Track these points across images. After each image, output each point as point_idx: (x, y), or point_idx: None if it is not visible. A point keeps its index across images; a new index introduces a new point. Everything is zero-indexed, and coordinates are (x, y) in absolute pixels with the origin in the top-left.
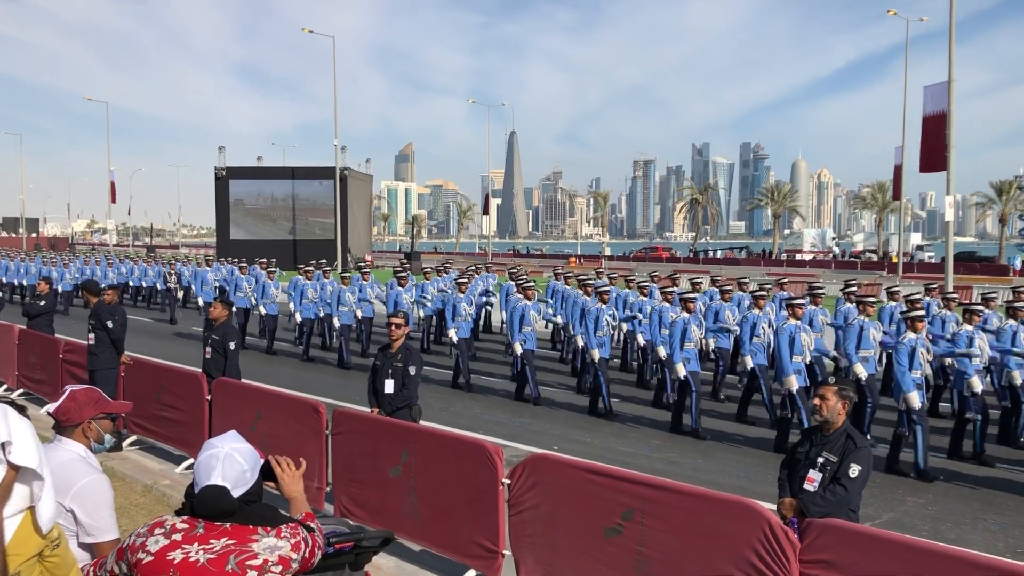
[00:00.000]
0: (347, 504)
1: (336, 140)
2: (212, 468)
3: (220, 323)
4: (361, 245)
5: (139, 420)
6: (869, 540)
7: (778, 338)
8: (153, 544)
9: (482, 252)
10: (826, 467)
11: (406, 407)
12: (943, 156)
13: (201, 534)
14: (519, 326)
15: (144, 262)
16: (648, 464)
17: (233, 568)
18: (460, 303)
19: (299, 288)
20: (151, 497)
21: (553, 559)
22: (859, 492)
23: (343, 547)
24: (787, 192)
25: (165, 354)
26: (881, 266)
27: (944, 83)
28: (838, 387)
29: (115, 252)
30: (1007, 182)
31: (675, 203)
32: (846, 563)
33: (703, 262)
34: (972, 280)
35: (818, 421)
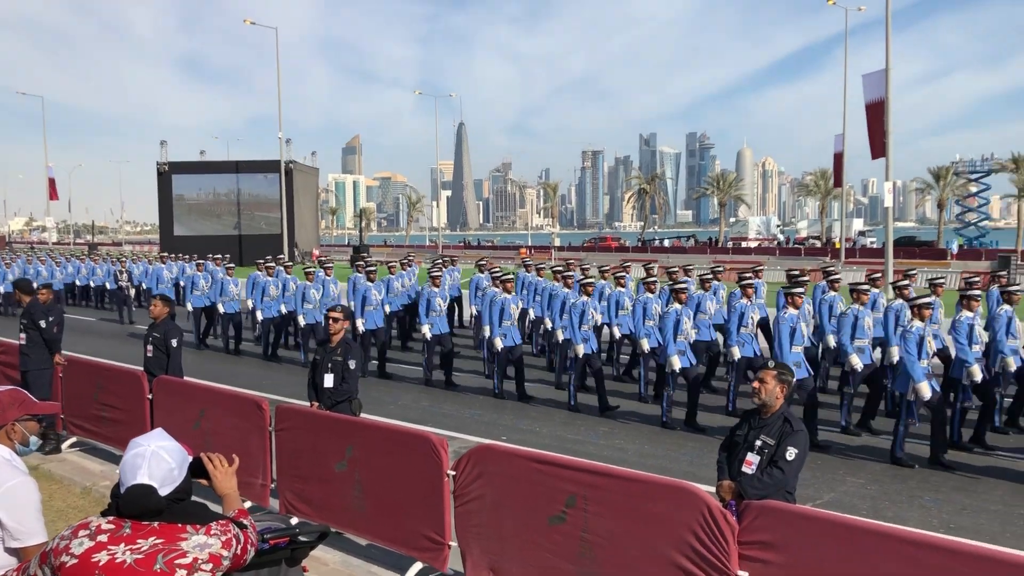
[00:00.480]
0: (292, 500)
1: (281, 133)
2: (138, 467)
3: (161, 320)
4: (308, 239)
5: (78, 421)
6: (806, 520)
7: (779, 328)
8: (77, 546)
9: (432, 245)
10: (764, 450)
11: (346, 401)
12: (883, 143)
13: (128, 534)
14: (499, 320)
15: (92, 260)
16: (596, 451)
17: (162, 567)
18: (435, 298)
19: (259, 285)
20: (90, 499)
21: (499, 548)
22: (796, 474)
23: (278, 543)
24: (732, 181)
25: (115, 355)
26: (825, 252)
27: (882, 71)
28: (777, 371)
29: (59, 251)
30: (944, 168)
31: (623, 193)
32: (784, 543)
33: (651, 251)
34: (912, 264)
35: (756, 404)
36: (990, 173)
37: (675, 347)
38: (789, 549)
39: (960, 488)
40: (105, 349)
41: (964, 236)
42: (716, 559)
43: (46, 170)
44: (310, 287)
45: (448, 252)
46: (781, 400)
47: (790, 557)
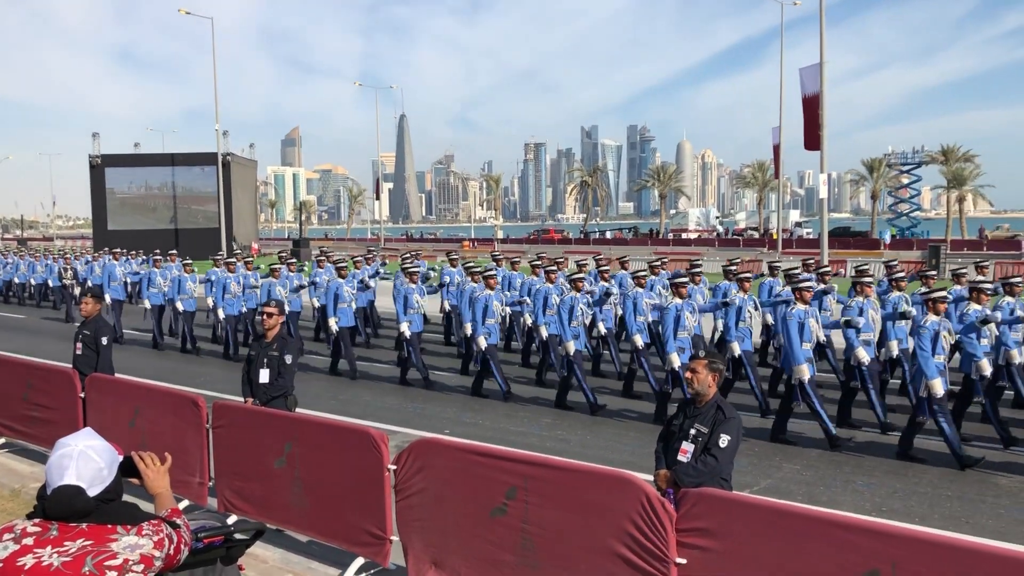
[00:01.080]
0: (231, 498)
1: (217, 125)
2: (65, 468)
3: (92, 318)
4: (247, 233)
5: (7, 421)
6: (742, 507)
7: (787, 324)
8: (1, 551)
9: (375, 238)
10: (698, 438)
11: (281, 396)
12: (818, 135)
13: (55, 536)
14: (483, 318)
15: (32, 257)
16: (539, 443)
17: (91, 570)
18: (412, 294)
19: (220, 282)
20: (19, 502)
21: (441, 541)
22: (730, 461)
23: (213, 541)
24: (672, 173)
25: (51, 353)
26: (762, 243)
27: (818, 65)
28: (708, 360)
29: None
30: (877, 160)
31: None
32: (721, 530)
33: (593, 243)
34: (847, 254)
35: (690, 394)
36: (921, 165)
37: (675, 343)
38: (726, 536)
39: (892, 472)
40: (45, 347)
41: (896, 226)
42: (655, 547)
43: None
44: (275, 283)
45: (391, 245)
46: (713, 389)
47: (728, 543)
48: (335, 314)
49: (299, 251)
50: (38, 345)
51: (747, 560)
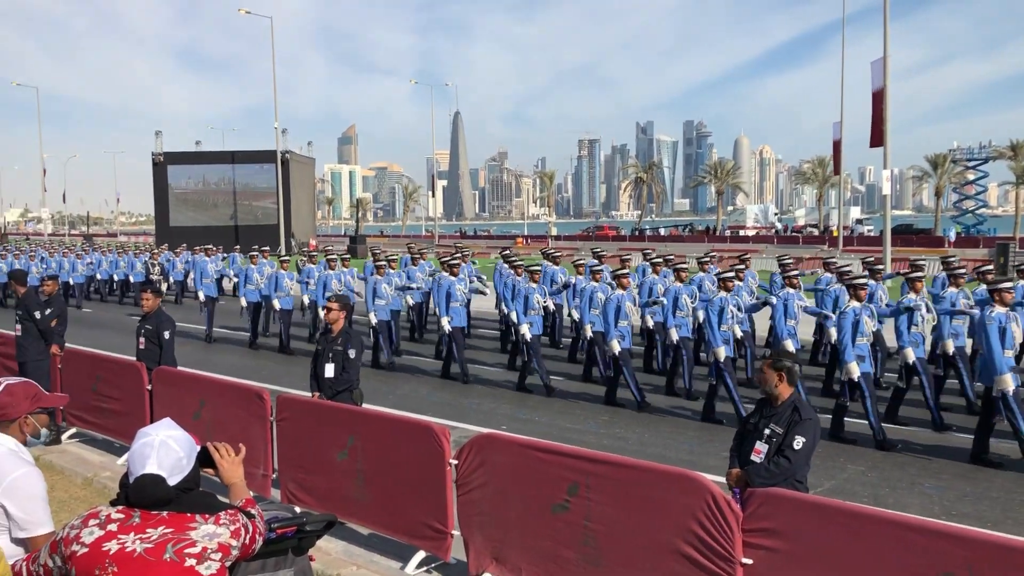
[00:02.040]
0: (294, 490)
1: (276, 123)
2: (147, 456)
3: (153, 313)
4: (305, 229)
5: (78, 412)
6: (809, 507)
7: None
8: (87, 536)
9: (429, 234)
10: (772, 439)
11: (347, 390)
12: (881, 131)
13: (137, 523)
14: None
15: (117, 252)
16: (596, 440)
17: (171, 557)
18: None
19: (322, 279)
20: (92, 490)
21: (502, 536)
22: (804, 463)
23: (285, 532)
24: (730, 169)
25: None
26: (822, 240)
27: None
28: (771, 360)
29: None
30: (942, 156)
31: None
32: (788, 530)
33: (648, 240)
34: (909, 252)
35: (764, 394)
36: (988, 160)
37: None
38: (794, 537)
39: (961, 475)
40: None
41: (962, 224)
42: (720, 547)
43: (41, 161)
44: (381, 281)
45: (444, 242)
46: (784, 387)
47: (795, 545)
48: (447, 313)
49: (356, 248)
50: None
51: (815, 562)
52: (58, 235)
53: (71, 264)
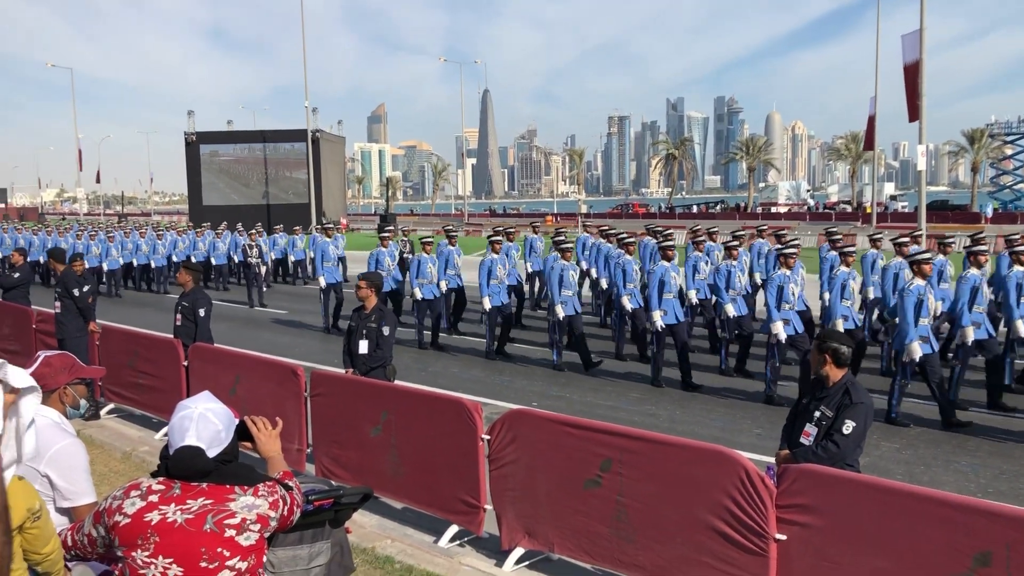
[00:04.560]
0: (328, 465)
1: (307, 102)
2: (186, 429)
3: (190, 290)
4: (335, 208)
5: (115, 388)
6: (844, 483)
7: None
8: (130, 506)
9: (458, 213)
10: (821, 422)
11: (380, 367)
12: (917, 105)
13: (178, 495)
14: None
15: (200, 233)
16: (627, 417)
17: (211, 528)
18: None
19: (415, 261)
20: (130, 464)
21: (534, 512)
22: (854, 448)
23: (322, 504)
24: (762, 145)
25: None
26: (855, 217)
27: (919, 32)
28: (818, 341)
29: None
30: (979, 130)
31: (650, 159)
32: (822, 506)
33: (679, 217)
34: (945, 228)
35: (815, 376)
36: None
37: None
38: (828, 512)
39: (997, 453)
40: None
41: (999, 199)
42: (754, 522)
43: (76, 142)
44: (425, 260)
45: (473, 220)
46: (833, 369)
47: (828, 520)
48: (488, 292)
49: (386, 226)
50: (239, 332)
51: (850, 538)
52: (93, 215)
53: (152, 246)
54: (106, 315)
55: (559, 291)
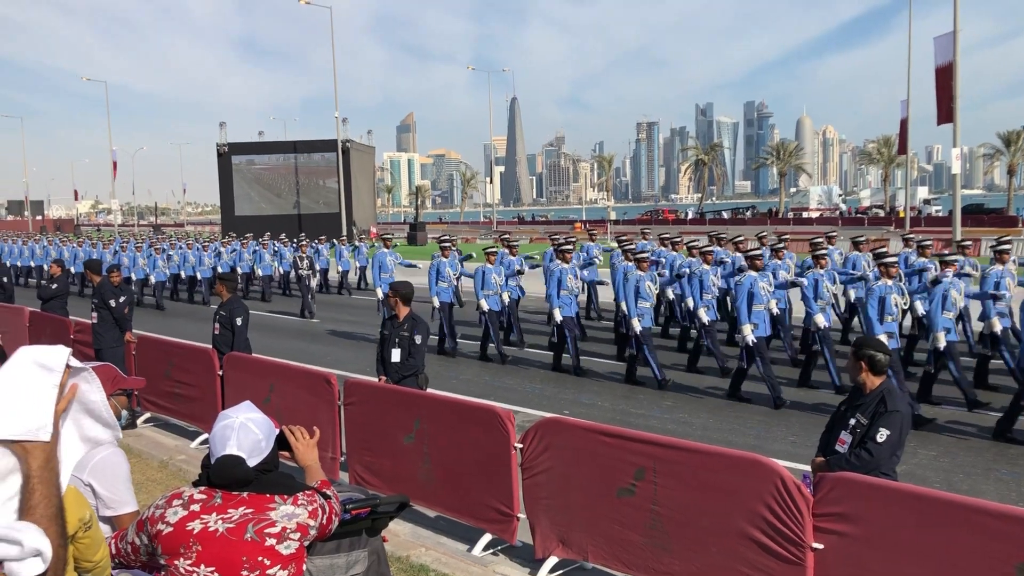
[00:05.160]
0: (361, 473)
1: (337, 112)
2: (227, 438)
3: (227, 300)
4: (366, 217)
5: (152, 397)
6: (881, 491)
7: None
8: (172, 515)
9: (487, 221)
10: (856, 429)
11: (412, 375)
12: (950, 108)
13: (219, 504)
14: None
15: (261, 245)
16: (659, 425)
17: (252, 537)
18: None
19: (479, 272)
20: (168, 472)
21: (568, 520)
22: (889, 456)
23: (360, 513)
24: (792, 150)
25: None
26: (888, 221)
27: (951, 34)
28: (854, 348)
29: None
30: (1015, 132)
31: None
32: (861, 515)
33: (709, 223)
34: (981, 232)
35: (853, 383)
36: None
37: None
38: (866, 521)
39: None
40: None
41: None
42: (790, 531)
43: (110, 154)
44: (490, 270)
45: (502, 228)
46: (869, 376)
47: (867, 529)
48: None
49: (416, 235)
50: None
51: (888, 547)
52: (127, 226)
53: (197, 258)
54: (147, 326)
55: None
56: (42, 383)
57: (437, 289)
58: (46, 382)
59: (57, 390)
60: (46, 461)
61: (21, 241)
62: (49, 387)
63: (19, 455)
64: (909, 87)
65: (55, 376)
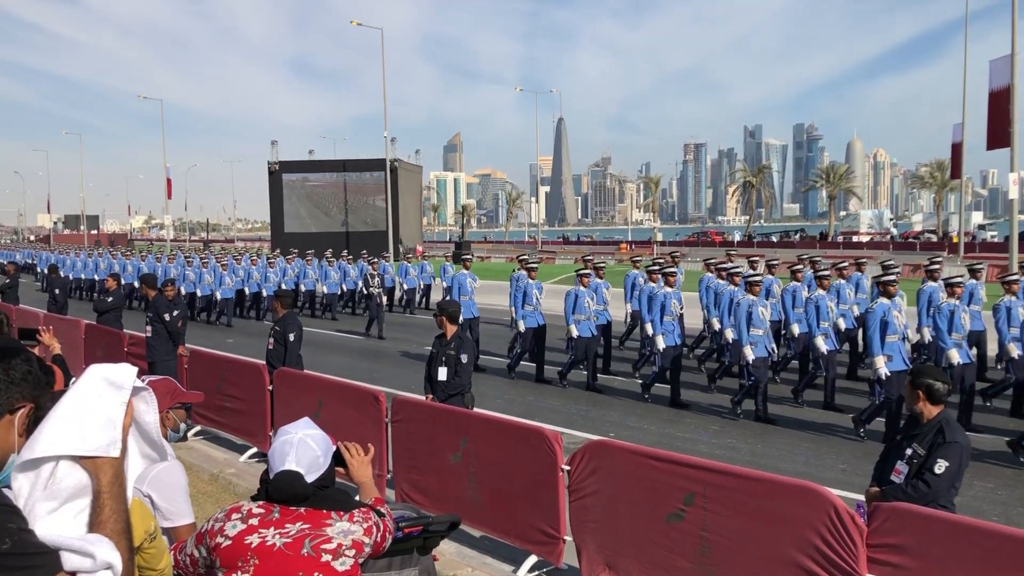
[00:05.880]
0: (408, 490)
1: (386, 132)
2: (286, 454)
3: (281, 316)
4: (412, 235)
5: (203, 411)
6: (939, 524)
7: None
8: (231, 529)
9: (532, 240)
10: (913, 460)
11: (459, 394)
12: (1007, 132)
13: (277, 519)
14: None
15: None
16: (707, 450)
17: (308, 552)
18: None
19: (572, 294)
20: (217, 485)
21: (615, 544)
22: (947, 489)
23: (412, 531)
24: (843, 173)
25: None
26: (941, 246)
27: (1008, 57)
28: (911, 377)
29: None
30: None
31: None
32: (917, 548)
33: (757, 246)
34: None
35: (910, 412)
36: None
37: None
38: (922, 554)
39: None
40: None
41: None
42: (843, 561)
43: (164, 170)
44: (583, 293)
45: (547, 248)
46: (927, 406)
47: (923, 562)
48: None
49: (461, 254)
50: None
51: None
52: (179, 240)
53: (263, 274)
54: (207, 341)
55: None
56: (112, 400)
57: (523, 313)
58: (115, 399)
59: (125, 407)
60: (115, 476)
61: (86, 254)
62: (118, 404)
63: (90, 471)
64: (964, 110)
65: (124, 393)
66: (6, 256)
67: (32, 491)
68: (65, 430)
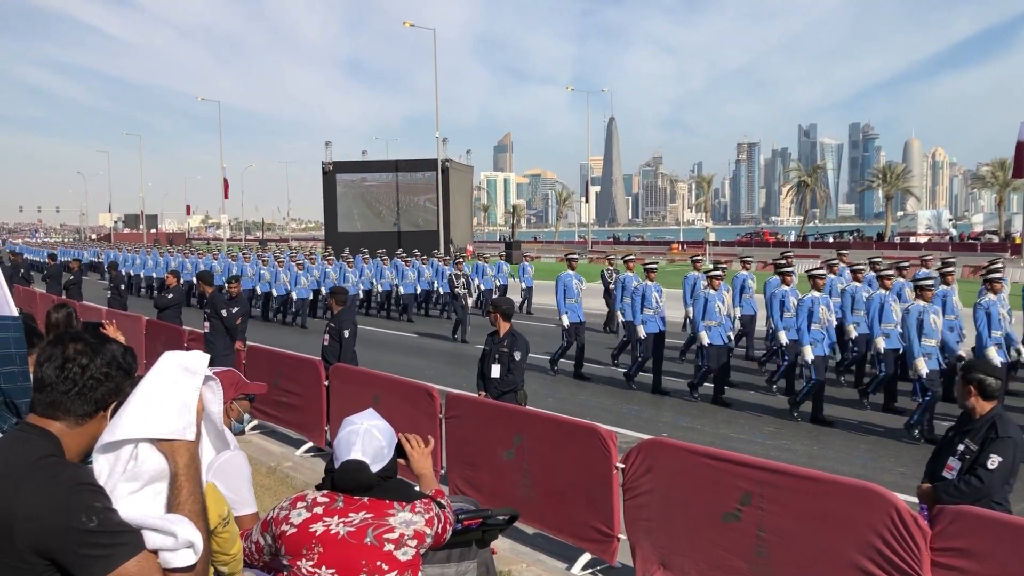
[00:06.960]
0: (461, 486)
1: (438, 132)
2: (352, 443)
3: (337, 312)
4: (463, 235)
5: (260, 405)
6: (1007, 528)
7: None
8: (296, 517)
9: (582, 240)
10: (965, 456)
11: (512, 391)
12: None
13: (341, 508)
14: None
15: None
16: (762, 450)
17: (371, 541)
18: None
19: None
20: (275, 478)
21: (669, 543)
22: (1001, 484)
23: (471, 524)
24: (900, 172)
25: None
26: (1003, 247)
27: None
28: (963, 372)
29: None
30: None
31: (781, 186)
32: (981, 551)
33: (812, 246)
34: None
35: (962, 407)
36: None
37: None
38: (990, 559)
39: None
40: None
41: None
42: (906, 564)
43: (221, 171)
44: (651, 288)
45: (597, 248)
46: (979, 401)
47: (991, 567)
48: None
49: (511, 253)
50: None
51: None
52: (234, 240)
53: (341, 276)
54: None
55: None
56: (187, 385)
57: (643, 317)
58: (190, 384)
59: (199, 392)
60: (191, 459)
61: (147, 251)
62: (192, 389)
63: (166, 453)
64: None
65: (197, 379)
66: (71, 254)
67: (112, 472)
68: (144, 414)
